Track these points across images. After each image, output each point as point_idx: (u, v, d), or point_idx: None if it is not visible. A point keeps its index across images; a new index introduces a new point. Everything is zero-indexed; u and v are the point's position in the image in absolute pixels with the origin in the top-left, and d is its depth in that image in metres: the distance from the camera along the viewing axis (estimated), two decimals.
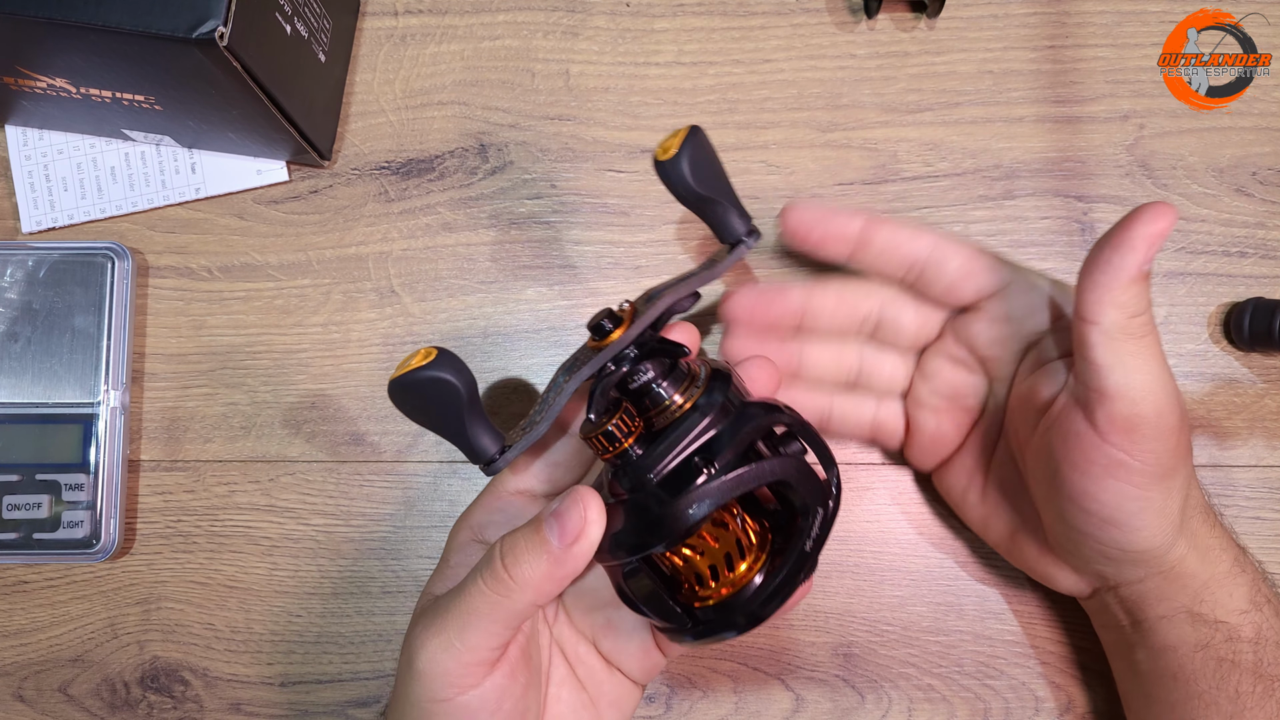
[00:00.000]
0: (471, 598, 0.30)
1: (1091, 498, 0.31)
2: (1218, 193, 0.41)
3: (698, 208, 0.31)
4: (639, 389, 0.30)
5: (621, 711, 0.36)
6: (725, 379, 0.30)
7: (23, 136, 0.42)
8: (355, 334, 0.42)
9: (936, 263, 0.34)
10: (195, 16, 0.31)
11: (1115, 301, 0.29)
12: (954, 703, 0.40)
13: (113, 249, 0.41)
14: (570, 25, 0.43)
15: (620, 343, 0.29)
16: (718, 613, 0.29)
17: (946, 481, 0.38)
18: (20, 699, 0.41)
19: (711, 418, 0.28)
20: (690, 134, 0.29)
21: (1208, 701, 0.33)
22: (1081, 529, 0.32)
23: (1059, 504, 0.32)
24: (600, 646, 0.35)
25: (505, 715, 0.31)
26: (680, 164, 0.29)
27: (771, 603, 0.29)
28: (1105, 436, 0.30)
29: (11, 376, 0.40)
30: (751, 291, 0.36)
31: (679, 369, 0.30)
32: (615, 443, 0.29)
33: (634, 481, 0.29)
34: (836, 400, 0.38)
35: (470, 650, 0.29)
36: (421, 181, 0.42)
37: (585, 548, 0.28)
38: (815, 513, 0.29)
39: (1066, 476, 0.31)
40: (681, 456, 0.28)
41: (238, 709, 0.41)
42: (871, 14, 0.42)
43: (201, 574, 0.42)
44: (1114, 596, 0.35)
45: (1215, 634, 0.33)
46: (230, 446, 0.42)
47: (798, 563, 0.29)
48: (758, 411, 0.29)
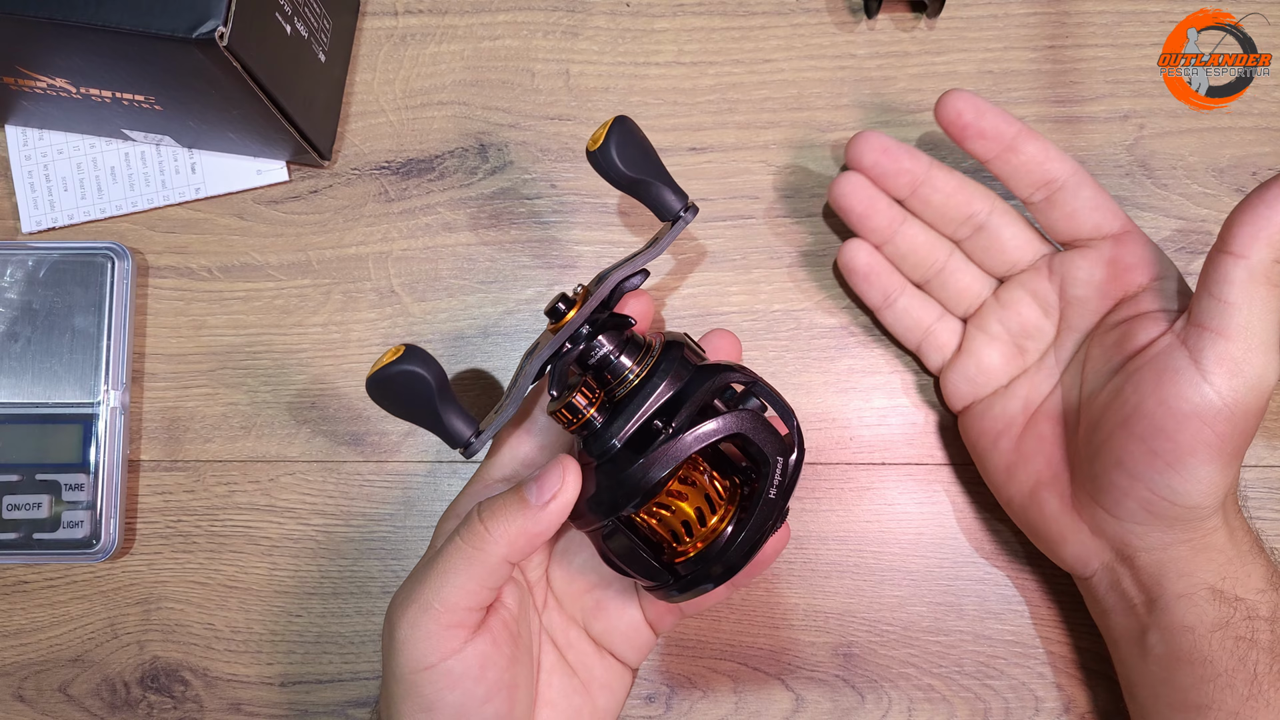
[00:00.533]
0: (447, 556, 0.31)
1: (1168, 436, 0.31)
2: (1218, 193, 0.41)
3: (633, 190, 0.32)
4: (598, 363, 0.31)
5: (614, 694, 0.36)
6: (678, 345, 0.32)
7: (23, 136, 0.42)
8: (355, 334, 0.42)
9: (1072, 188, 0.35)
10: (195, 16, 0.31)
11: (1271, 240, 0.29)
12: (954, 703, 0.40)
13: (113, 249, 0.41)
14: (570, 25, 0.43)
15: (574, 322, 0.31)
16: (695, 565, 0.31)
17: (980, 423, 0.38)
18: (20, 699, 0.41)
19: (667, 382, 0.30)
20: (615, 122, 0.32)
21: (1224, 683, 0.33)
22: (1139, 473, 0.32)
23: (1124, 445, 0.32)
24: (591, 629, 0.36)
25: (490, 685, 0.31)
26: (609, 151, 0.31)
27: (743, 550, 0.30)
28: (1208, 375, 0.30)
29: (11, 376, 0.40)
30: (886, 139, 0.37)
31: (634, 341, 0.32)
32: (578, 414, 0.30)
33: (600, 448, 0.30)
34: (907, 291, 0.39)
35: (448, 610, 0.30)
36: (421, 181, 0.42)
37: (560, 505, 0.30)
38: (775, 462, 0.30)
39: (1148, 413, 0.32)
40: (641, 420, 0.30)
41: (238, 709, 0.41)
42: (871, 14, 0.42)
43: (201, 574, 0.42)
44: (1130, 570, 0.35)
45: (1235, 612, 0.33)
46: (230, 446, 0.42)
47: (764, 511, 0.30)
48: (711, 371, 0.31)
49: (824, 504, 0.41)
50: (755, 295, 0.42)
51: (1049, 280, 0.37)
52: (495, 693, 0.31)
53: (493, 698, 0.31)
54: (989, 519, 0.41)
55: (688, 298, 0.42)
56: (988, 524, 0.41)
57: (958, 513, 0.41)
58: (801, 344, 0.42)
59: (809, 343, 0.42)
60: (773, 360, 0.42)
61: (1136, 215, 0.41)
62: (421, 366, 0.30)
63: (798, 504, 0.41)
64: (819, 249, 0.42)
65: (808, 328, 0.42)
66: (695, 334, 0.41)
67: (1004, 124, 0.35)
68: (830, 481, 0.41)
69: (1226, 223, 0.31)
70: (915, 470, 0.41)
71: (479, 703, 0.31)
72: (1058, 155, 0.35)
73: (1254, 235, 0.30)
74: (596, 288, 0.32)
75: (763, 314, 0.42)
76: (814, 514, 0.41)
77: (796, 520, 0.41)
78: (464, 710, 0.31)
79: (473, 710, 0.31)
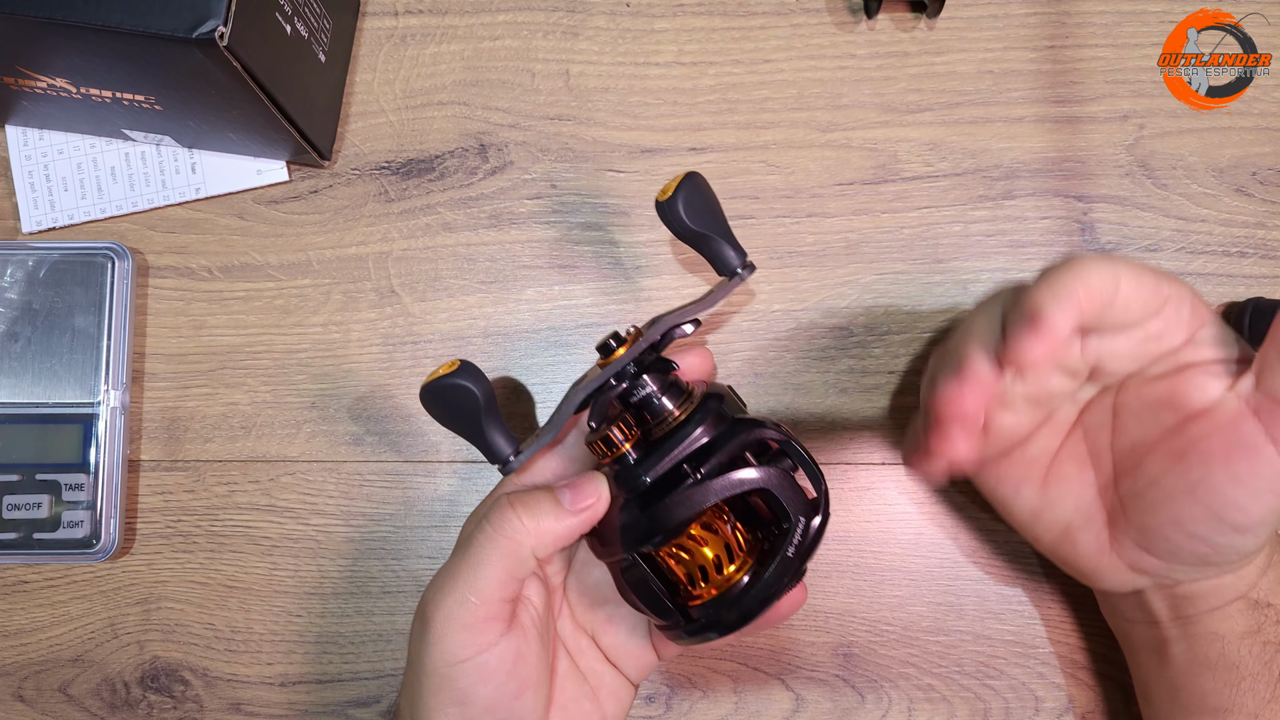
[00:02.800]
0: (479, 544, 0.31)
1: (1239, 508, 0.30)
2: (1218, 193, 0.41)
3: (695, 243, 0.33)
4: (639, 402, 0.32)
5: (620, 704, 0.36)
6: (719, 396, 0.32)
7: (23, 136, 0.42)
8: (355, 334, 0.42)
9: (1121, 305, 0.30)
10: (195, 16, 0.31)
11: None
12: (954, 703, 0.40)
13: (113, 249, 0.41)
14: (570, 25, 0.43)
15: (623, 359, 0.32)
16: (706, 611, 0.31)
17: (997, 474, 0.36)
18: (20, 699, 0.41)
19: (703, 429, 0.31)
20: (686, 177, 0.33)
21: (1247, 687, 0.33)
22: (1202, 535, 0.31)
23: (1185, 509, 0.31)
24: (600, 642, 0.36)
25: (520, 681, 0.31)
26: (676, 204, 0.32)
27: (754, 603, 0.31)
28: None
29: (11, 376, 0.40)
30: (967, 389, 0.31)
31: (677, 385, 0.33)
32: (613, 447, 0.31)
33: (630, 484, 0.31)
34: None
35: (484, 602, 0.30)
36: (421, 181, 0.42)
37: (590, 515, 0.31)
38: (797, 521, 0.31)
39: (1218, 485, 0.30)
40: (673, 462, 0.31)
41: (238, 709, 0.41)
42: (871, 14, 0.42)
43: (201, 574, 0.42)
44: (1162, 594, 0.34)
45: (1265, 618, 0.33)
46: (230, 446, 0.42)
47: (781, 567, 0.31)
48: (747, 425, 0.31)
49: None
50: (755, 295, 0.42)
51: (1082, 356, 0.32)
52: (525, 689, 0.31)
53: (523, 693, 0.31)
54: (989, 519, 0.41)
55: (687, 298, 0.42)
56: (988, 524, 0.41)
57: (958, 513, 0.41)
58: (801, 344, 0.42)
59: (809, 343, 0.42)
60: (773, 360, 0.42)
61: (1136, 215, 0.41)
62: (474, 383, 0.31)
63: None
64: (819, 249, 0.42)
65: (808, 328, 0.42)
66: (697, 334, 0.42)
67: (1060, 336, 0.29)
68: (830, 481, 0.41)
69: None
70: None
71: (510, 698, 0.31)
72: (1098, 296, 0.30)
73: None
74: (648, 330, 0.32)
75: (763, 314, 0.42)
76: None
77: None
78: (496, 704, 0.31)
79: (504, 705, 0.31)
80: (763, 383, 0.42)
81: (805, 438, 0.41)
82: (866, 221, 0.42)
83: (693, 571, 0.32)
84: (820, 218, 0.42)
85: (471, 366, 0.32)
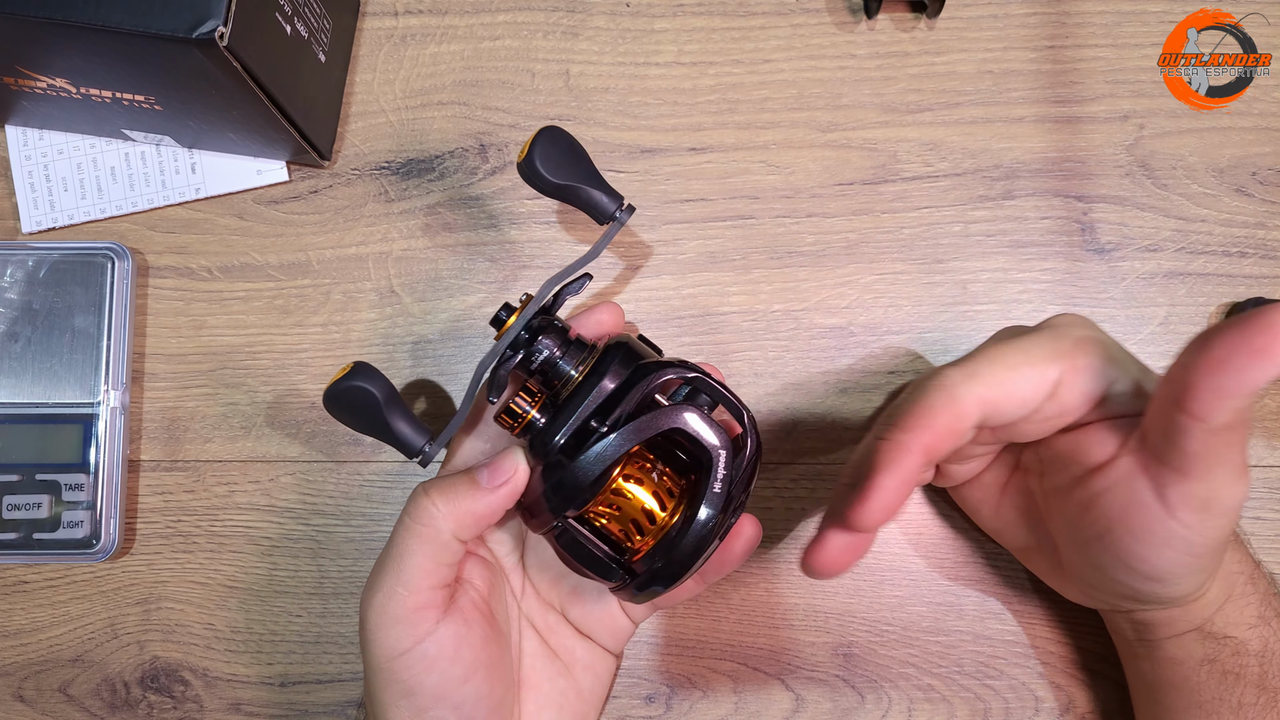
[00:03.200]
0: (399, 539, 0.31)
1: (1143, 560, 0.30)
2: (1218, 193, 0.41)
3: (566, 197, 0.33)
4: (540, 366, 0.32)
5: (597, 676, 0.36)
6: (621, 345, 0.32)
7: (23, 136, 0.42)
8: (355, 334, 0.42)
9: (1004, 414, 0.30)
10: (195, 16, 0.31)
11: (1232, 407, 0.26)
12: (954, 703, 0.40)
13: (113, 249, 0.41)
14: (570, 25, 0.43)
15: (514, 328, 0.32)
16: (647, 563, 0.31)
17: (960, 495, 0.38)
18: (20, 699, 0.41)
19: (606, 379, 0.30)
20: (540, 133, 0.32)
21: (1209, 710, 0.33)
22: (1121, 579, 0.31)
23: (1100, 556, 0.31)
24: (569, 615, 0.36)
25: (467, 664, 0.31)
26: (534, 161, 0.32)
27: (692, 547, 0.30)
28: (1174, 513, 0.28)
29: (11, 376, 0.40)
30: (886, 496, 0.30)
31: (578, 343, 0.32)
32: (517, 417, 0.31)
33: (543, 450, 0.31)
34: None
35: (411, 591, 0.31)
36: (421, 181, 0.42)
37: (510, 490, 0.31)
38: (717, 455, 0.30)
39: (1119, 539, 0.30)
40: (578, 421, 0.30)
41: (238, 709, 0.41)
42: (871, 14, 0.42)
43: (201, 574, 0.42)
44: (1123, 616, 0.35)
45: (1223, 649, 0.33)
46: (230, 446, 0.42)
47: (710, 503, 0.30)
48: (649, 369, 0.31)
49: (824, 504, 0.41)
50: (755, 295, 0.42)
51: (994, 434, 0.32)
52: (473, 672, 0.31)
53: (471, 677, 0.31)
54: None
55: (688, 298, 0.42)
56: None
57: (958, 513, 0.41)
58: (801, 344, 0.42)
59: (809, 343, 0.42)
60: (773, 360, 0.42)
61: (1136, 215, 0.41)
62: (368, 382, 0.31)
63: (796, 504, 0.41)
64: (819, 249, 0.42)
65: (808, 328, 0.42)
66: (698, 335, 0.42)
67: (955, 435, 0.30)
68: (830, 481, 0.41)
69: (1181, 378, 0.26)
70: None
71: (458, 683, 0.31)
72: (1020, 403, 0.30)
73: (1212, 404, 0.26)
74: (538, 294, 0.32)
75: (763, 314, 0.42)
76: (814, 514, 0.41)
77: (797, 520, 0.41)
78: (444, 691, 0.31)
79: (452, 690, 0.31)
80: (763, 383, 0.42)
81: (805, 438, 0.41)
82: (866, 221, 0.42)
83: (626, 526, 0.32)
84: (820, 218, 0.42)
85: (366, 366, 0.31)
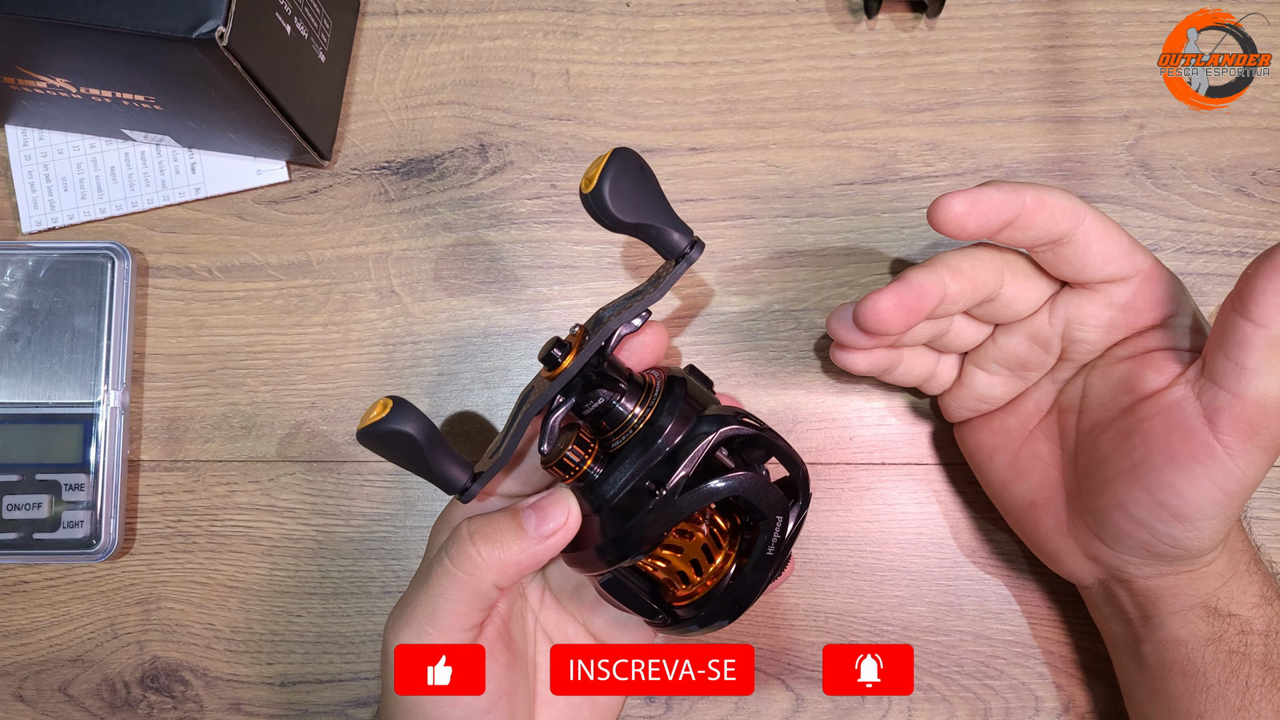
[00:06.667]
0: (438, 580, 0.30)
1: (1176, 492, 0.30)
2: (1218, 193, 0.41)
3: (633, 232, 0.30)
4: (595, 411, 0.30)
5: None
6: (680, 388, 0.31)
7: (23, 136, 0.42)
8: (355, 334, 0.42)
9: (1081, 244, 0.32)
10: (195, 16, 0.31)
11: None
12: (954, 703, 0.40)
13: (113, 249, 0.41)
14: (570, 25, 0.43)
15: (568, 373, 0.30)
16: (692, 610, 0.31)
17: (975, 437, 0.38)
18: (20, 699, 0.41)
19: (668, 433, 0.29)
20: (610, 159, 0.28)
21: (1216, 694, 0.33)
22: (1143, 519, 0.31)
23: (1128, 491, 0.32)
24: (590, 626, 0.36)
25: (490, 696, 0.31)
26: (602, 194, 0.28)
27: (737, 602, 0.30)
28: (1221, 437, 0.29)
29: (11, 376, 0.40)
30: (894, 299, 0.32)
31: (631, 382, 0.31)
32: (571, 470, 0.30)
33: (598, 500, 0.30)
34: (904, 356, 0.36)
35: (442, 633, 0.30)
36: (421, 181, 0.42)
37: (558, 541, 0.30)
38: (774, 521, 0.30)
39: (1157, 466, 0.31)
40: (637, 478, 0.29)
41: (238, 709, 0.41)
42: (871, 14, 0.42)
43: (201, 574, 0.42)
44: (1125, 589, 0.35)
45: (1228, 627, 0.33)
46: (230, 446, 0.42)
47: (761, 565, 0.30)
48: (710, 427, 0.29)
49: (824, 504, 0.41)
50: (755, 295, 0.42)
51: (1050, 323, 0.34)
52: (496, 702, 0.31)
53: (494, 708, 0.31)
54: (989, 519, 0.41)
55: (688, 298, 0.42)
56: (987, 524, 0.41)
57: (958, 512, 0.41)
58: (801, 344, 0.42)
59: (809, 343, 0.42)
60: (773, 360, 0.42)
61: (1136, 215, 0.41)
62: (408, 424, 0.29)
63: None
64: (819, 249, 0.42)
65: (808, 328, 0.42)
66: (698, 335, 0.42)
67: (1000, 211, 0.31)
68: (830, 481, 0.41)
69: (1247, 285, 0.28)
70: (915, 470, 0.41)
71: (481, 714, 0.31)
72: (1064, 211, 0.31)
73: (1278, 306, 0.28)
74: (594, 329, 0.31)
75: (763, 314, 0.42)
76: (814, 514, 0.41)
77: None
78: None
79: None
80: (763, 383, 0.42)
81: (805, 438, 0.41)
82: (866, 221, 0.42)
83: (672, 577, 0.32)
84: (820, 218, 0.42)
85: (404, 405, 0.29)
